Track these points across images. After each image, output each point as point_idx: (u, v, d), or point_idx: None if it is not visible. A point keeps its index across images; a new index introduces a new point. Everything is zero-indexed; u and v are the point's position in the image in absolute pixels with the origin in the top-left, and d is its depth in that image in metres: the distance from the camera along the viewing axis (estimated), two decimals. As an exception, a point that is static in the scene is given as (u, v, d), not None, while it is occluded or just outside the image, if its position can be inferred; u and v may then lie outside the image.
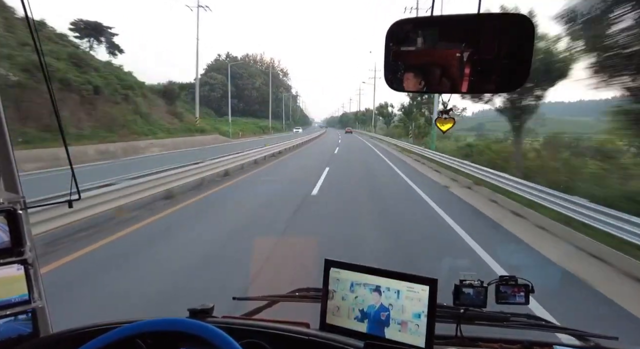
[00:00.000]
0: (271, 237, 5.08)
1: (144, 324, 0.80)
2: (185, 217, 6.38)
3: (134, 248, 4.76)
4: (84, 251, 4.50)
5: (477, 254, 4.58)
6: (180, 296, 3.27)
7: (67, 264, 4.08)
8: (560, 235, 5.65)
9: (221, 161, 11.11)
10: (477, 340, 1.06)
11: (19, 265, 0.95)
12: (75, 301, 3.14)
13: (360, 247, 4.80)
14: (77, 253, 4.39)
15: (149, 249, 4.77)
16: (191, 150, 21.84)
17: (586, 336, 1.07)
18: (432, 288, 0.90)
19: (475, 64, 0.75)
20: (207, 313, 1.04)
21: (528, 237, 5.58)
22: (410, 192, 9.14)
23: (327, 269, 1.01)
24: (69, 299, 3.16)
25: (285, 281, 3.51)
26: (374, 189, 9.83)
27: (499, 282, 1.04)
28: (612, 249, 4.57)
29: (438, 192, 9.37)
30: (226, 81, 39.19)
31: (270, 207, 7.11)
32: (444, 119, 1.02)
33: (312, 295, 1.23)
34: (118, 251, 4.63)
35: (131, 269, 4.04)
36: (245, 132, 44.52)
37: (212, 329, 0.75)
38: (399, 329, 0.91)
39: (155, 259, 4.38)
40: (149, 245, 4.91)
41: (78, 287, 3.55)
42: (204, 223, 6.02)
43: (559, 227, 5.88)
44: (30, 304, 0.96)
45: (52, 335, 1.02)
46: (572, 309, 3.26)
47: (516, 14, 0.72)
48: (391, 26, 0.80)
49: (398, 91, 0.84)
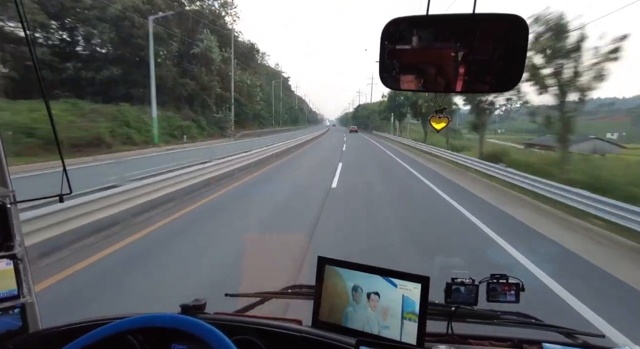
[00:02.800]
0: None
1: (135, 320, 0.79)
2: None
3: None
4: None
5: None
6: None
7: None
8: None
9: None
10: (468, 338, 1.07)
11: (8, 260, 0.94)
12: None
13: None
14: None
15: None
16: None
17: (574, 334, 1.09)
18: (424, 285, 0.91)
19: (470, 64, 0.75)
20: (199, 309, 1.03)
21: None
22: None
23: (321, 266, 1.01)
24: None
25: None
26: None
27: (490, 280, 1.05)
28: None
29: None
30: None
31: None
32: (438, 118, 1.02)
33: (304, 292, 1.23)
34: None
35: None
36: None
37: (204, 326, 0.75)
38: (391, 326, 0.92)
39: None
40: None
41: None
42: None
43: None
44: (19, 299, 0.95)
45: (41, 331, 1.01)
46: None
47: (510, 15, 0.73)
48: (387, 25, 0.80)
49: (393, 89, 0.84)
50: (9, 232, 0.95)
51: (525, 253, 4.53)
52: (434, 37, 0.79)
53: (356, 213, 6.48)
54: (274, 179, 10.17)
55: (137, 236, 4.83)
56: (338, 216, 6.22)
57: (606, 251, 5.10)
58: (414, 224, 5.94)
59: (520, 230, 5.89)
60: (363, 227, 5.53)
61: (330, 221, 5.80)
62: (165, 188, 6.54)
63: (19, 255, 0.96)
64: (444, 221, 6.24)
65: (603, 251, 5.07)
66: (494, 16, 0.74)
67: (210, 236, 5.04)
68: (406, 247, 4.69)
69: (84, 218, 4.49)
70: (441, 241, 5.12)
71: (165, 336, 0.86)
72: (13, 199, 0.97)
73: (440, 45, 0.79)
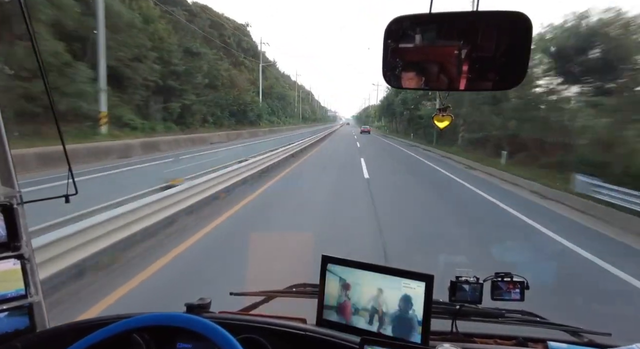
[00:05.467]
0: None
1: (141, 319, 0.80)
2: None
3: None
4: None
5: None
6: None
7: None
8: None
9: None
10: (473, 336, 1.07)
11: (15, 260, 0.95)
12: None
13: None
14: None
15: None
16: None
17: (580, 332, 1.08)
18: (428, 284, 0.90)
19: (473, 61, 0.75)
20: (204, 308, 1.04)
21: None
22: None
23: (324, 265, 1.01)
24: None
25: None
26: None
27: (495, 278, 1.05)
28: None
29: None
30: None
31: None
32: (441, 116, 1.02)
33: (308, 291, 1.23)
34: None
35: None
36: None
37: (209, 325, 0.75)
38: (395, 324, 0.92)
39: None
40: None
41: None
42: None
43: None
44: (26, 299, 0.97)
45: (49, 330, 1.02)
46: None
47: (514, 12, 0.72)
48: (390, 23, 0.80)
49: (396, 87, 0.84)
50: (16, 233, 0.96)
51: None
52: (437, 34, 0.79)
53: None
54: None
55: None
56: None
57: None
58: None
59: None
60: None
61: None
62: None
63: (26, 255, 0.97)
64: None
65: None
66: (498, 13, 0.74)
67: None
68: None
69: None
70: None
71: (171, 334, 0.87)
72: (20, 200, 0.98)
73: (443, 43, 0.79)
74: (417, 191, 9.53)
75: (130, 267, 3.76)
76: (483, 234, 5.68)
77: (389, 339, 0.91)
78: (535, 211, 7.45)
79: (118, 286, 3.32)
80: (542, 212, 7.38)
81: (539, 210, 7.62)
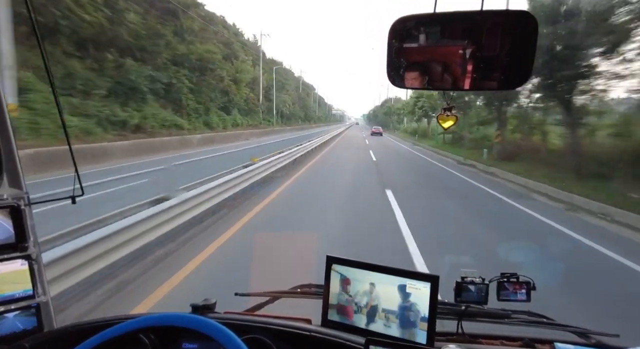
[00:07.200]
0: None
1: (147, 320, 0.80)
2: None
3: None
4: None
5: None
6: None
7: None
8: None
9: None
10: (479, 337, 1.06)
11: (23, 260, 0.96)
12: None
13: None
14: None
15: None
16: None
17: (587, 333, 1.07)
18: (434, 284, 0.90)
19: (478, 61, 0.75)
20: (209, 309, 1.04)
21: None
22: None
23: (329, 266, 1.01)
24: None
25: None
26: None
27: (501, 279, 1.04)
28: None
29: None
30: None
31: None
32: (446, 116, 1.01)
33: (313, 291, 1.23)
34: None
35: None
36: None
37: (215, 325, 0.75)
38: (401, 325, 0.92)
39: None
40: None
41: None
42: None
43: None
44: (34, 299, 0.97)
45: (56, 330, 1.03)
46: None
47: (519, 11, 0.72)
48: (394, 23, 0.79)
49: (400, 87, 0.83)
50: (23, 233, 0.97)
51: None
52: (441, 34, 0.78)
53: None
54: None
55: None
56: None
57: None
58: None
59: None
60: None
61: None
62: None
63: (33, 256, 0.98)
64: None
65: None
66: (503, 12, 0.73)
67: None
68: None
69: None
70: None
71: (177, 335, 0.87)
72: (27, 201, 0.99)
73: (447, 42, 0.79)
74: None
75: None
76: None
77: (395, 339, 0.90)
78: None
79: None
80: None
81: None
